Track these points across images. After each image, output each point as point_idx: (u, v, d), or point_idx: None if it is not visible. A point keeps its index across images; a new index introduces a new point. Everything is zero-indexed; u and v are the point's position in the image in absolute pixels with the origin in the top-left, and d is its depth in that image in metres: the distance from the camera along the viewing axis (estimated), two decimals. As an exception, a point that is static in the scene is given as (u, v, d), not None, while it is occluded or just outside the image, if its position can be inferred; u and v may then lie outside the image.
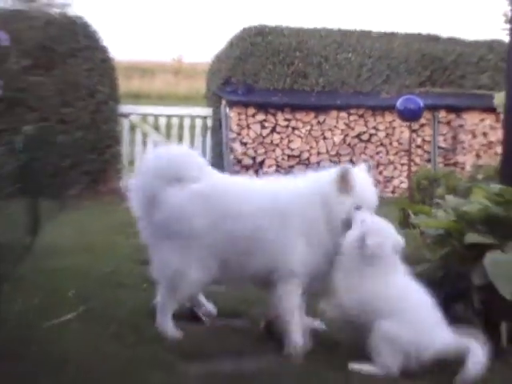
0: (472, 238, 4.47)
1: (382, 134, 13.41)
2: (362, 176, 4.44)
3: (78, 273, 6.01)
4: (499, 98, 11.20)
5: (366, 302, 4.02)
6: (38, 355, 3.93)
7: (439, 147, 13.70)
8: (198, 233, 4.38)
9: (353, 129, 13.31)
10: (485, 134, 13.88)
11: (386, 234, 4.14)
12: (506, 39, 7.63)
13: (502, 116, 9.90)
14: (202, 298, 4.96)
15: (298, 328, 4.28)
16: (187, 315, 4.87)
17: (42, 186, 8.53)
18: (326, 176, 4.40)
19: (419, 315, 3.98)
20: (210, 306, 4.97)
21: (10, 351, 3.93)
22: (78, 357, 3.93)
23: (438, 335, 3.94)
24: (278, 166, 12.89)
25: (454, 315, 4.38)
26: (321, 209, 4.31)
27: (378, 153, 13.28)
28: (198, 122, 13.68)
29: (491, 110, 12.81)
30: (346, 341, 4.24)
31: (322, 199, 4.32)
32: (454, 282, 4.56)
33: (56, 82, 11.81)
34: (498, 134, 13.31)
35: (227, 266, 4.45)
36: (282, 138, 12.96)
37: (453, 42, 14.82)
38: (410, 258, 5.02)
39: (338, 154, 13.14)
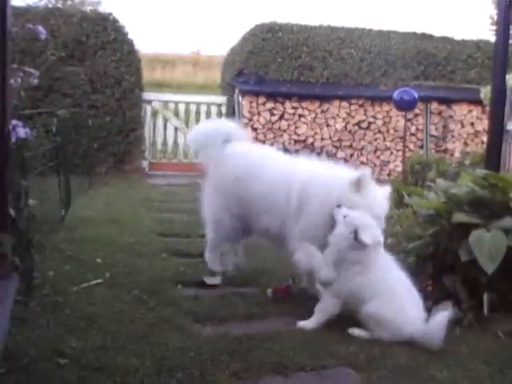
0: (459, 217, 4.45)
1: (379, 122, 13.35)
2: (379, 190, 4.39)
3: (104, 242, 6.03)
4: (485, 92, 11.14)
5: (353, 292, 4.01)
6: (68, 318, 3.94)
7: (431, 135, 13.65)
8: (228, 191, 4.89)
9: (353, 117, 13.25)
10: (472, 124, 13.81)
11: (374, 225, 4.11)
12: (493, 39, 7.57)
13: (487, 108, 9.83)
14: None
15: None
16: (197, 283, 4.88)
17: (73, 165, 8.58)
18: (347, 173, 4.42)
19: (397, 299, 3.95)
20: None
21: (44, 315, 3.94)
22: (104, 320, 3.94)
23: (412, 319, 3.91)
24: (285, 149, 12.83)
25: (442, 287, 4.39)
26: (332, 198, 4.30)
27: (375, 139, 13.23)
28: (214, 109, 13.66)
29: (478, 102, 12.76)
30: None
31: (336, 192, 4.30)
32: (442, 257, 4.55)
33: (87, 72, 11.84)
34: (483, 124, 13.26)
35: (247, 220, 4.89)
36: (289, 125, 12.93)
37: (445, 40, 14.70)
38: (404, 235, 5.02)
39: (339, 140, 13.10)
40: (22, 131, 4.06)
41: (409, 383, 3.29)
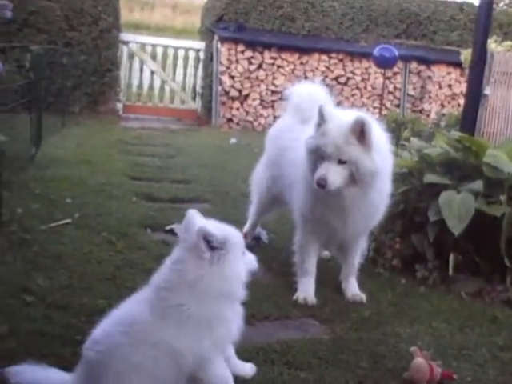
0: (431, 178, 4.49)
1: (358, 79, 13.34)
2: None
3: (75, 183, 6.01)
4: (466, 55, 11.16)
5: None
6: (35, 256, 3.93)
7: (408, 94, 13.68)
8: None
9: (332, 71, 13.21)
10: (450, 86, 13.86)
11: None
12: (476, 2, 7.57)
13: (466, 71, 9.85)
14: None
15: None
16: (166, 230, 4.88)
17: (46, 103, 8.46)
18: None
19: None
20: None
21: (11, 252, 3.93)
22: (72, 260, 3.94)
23: None
24: (261, 99, 12.83)
25: (409, 245, 4.45)
26: None
27: (353, 95, 13.23)
28: (192, 54, 13.53)
29: (457, 64, 12.84)
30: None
31: None
32: (411, 216, 4.60)
33: (63, 8, 11.57)
34: (461, 87, 13.31)
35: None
36: (267, 75, 12.86)
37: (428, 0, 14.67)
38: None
39: (316, 94, 13.09)
40: (-5, 64, 3.98)
41: (371, 337, 3.34)
